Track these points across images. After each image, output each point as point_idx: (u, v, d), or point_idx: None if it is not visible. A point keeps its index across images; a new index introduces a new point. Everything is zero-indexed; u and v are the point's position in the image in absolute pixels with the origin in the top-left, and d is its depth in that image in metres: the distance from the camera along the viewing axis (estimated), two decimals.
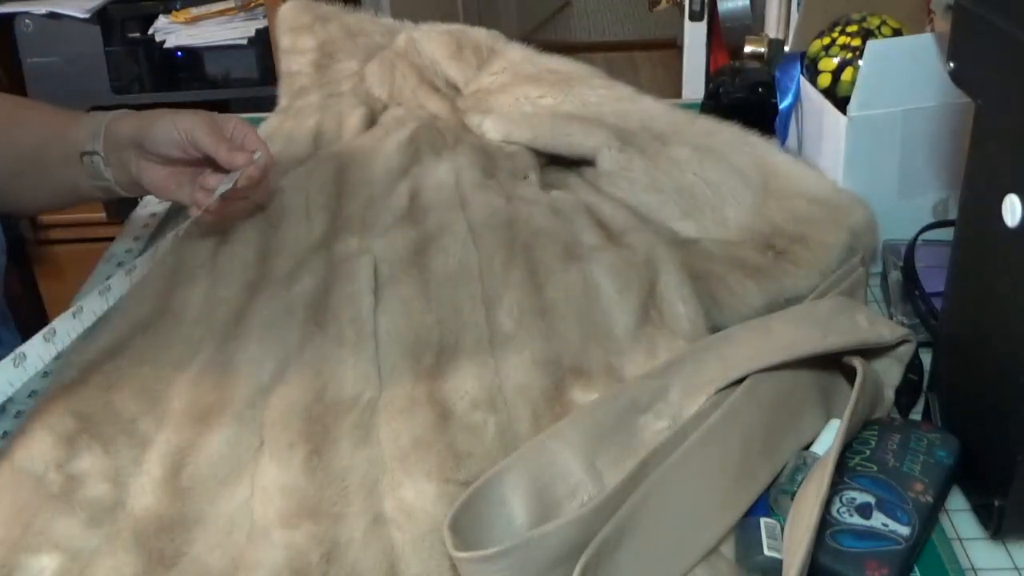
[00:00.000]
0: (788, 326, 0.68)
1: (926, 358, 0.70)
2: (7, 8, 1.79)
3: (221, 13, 1.86)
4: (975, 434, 0.62)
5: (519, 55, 1.10)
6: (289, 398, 0.67)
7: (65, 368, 0.73)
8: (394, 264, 0.79)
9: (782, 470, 0.63)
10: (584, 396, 0.67)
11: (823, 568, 0.56)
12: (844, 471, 0.61)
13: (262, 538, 0.59)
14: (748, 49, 1.23)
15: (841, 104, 0.85)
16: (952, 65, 0.61)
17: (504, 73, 1.08)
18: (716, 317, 0.76)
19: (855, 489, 0.60)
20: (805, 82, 0.92)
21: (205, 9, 1.86)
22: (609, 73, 1.08)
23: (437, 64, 1.10)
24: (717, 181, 0.87)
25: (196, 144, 0.79)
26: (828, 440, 0.65)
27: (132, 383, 0.70)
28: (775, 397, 0.64)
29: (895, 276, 0.80)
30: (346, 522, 0.59)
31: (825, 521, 0.58)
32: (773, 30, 1.62)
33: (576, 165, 0.97)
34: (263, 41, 1.80)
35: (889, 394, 0.69)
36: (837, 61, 0.88)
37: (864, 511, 0.58)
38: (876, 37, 0.87)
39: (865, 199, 0.83)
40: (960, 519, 0.62)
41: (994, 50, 0.56)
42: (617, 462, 0.61)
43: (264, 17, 1.82)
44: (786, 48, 1.18)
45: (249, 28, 1.84)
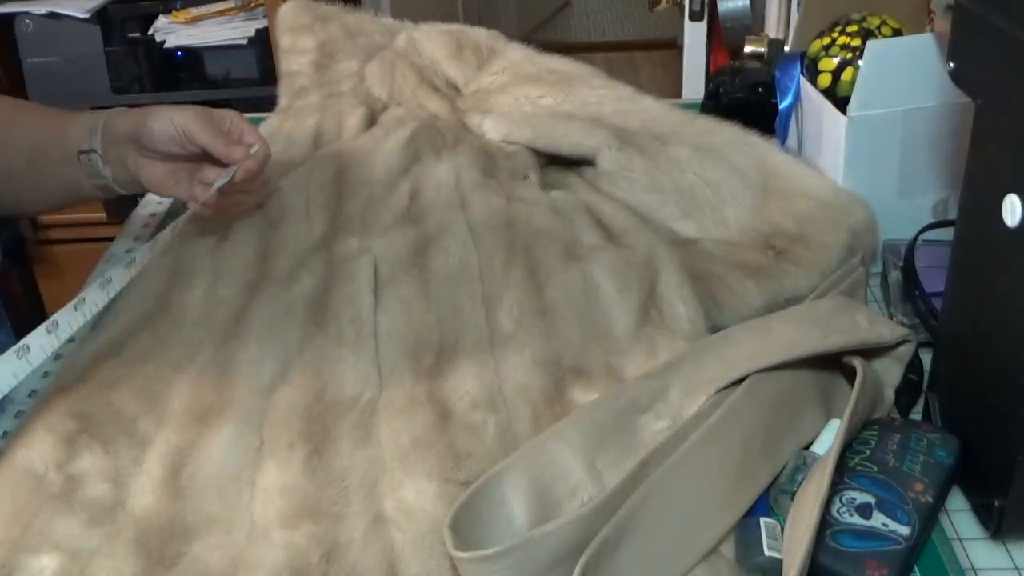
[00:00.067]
0: (788, 326, 0.68)
1: (926, 358, 0.70)
2: (7, 8, 1.79)
3: (221, 13, 1.86)
4: (975, 434, 0.62)
5: (519, 55, 1.10)
6: (289, 398, 0.67)
7: (65, 368, 0.73)
8: (394, 264, 0.79)
9: (782, 470, 0.63)
10: (584, 396, 0.67)
11: (823, 568, 0.56)
12: (844, 471, 0.61)
13: (262, 538, 0.59)
14: (748, 49, 1.23)
15: (841, 104, 0.85)
16: (952, 65, 0.61)
17: (504, 73, 1.08)
18: (716, 317, 0.76)
19: (855, 489, 0.60)
20: (805, 82, 0.92)
21: (205, 9, 1.86)
22: (609, 73, 1.08)
23: (437, 64, 1.10)
24: (717, 181, 0.87)
25: (193, 139, 0.79)
26: (828, 440, 0.65)
27: (132, 383, 0.70)
28: (775, 397, 0.64)
29: (895, 276, 0.80)
30: (346, 522, 0.59)
31: (825, 521, 0.58)
32: (773, 30, 1.62)
33: (576, 165, 0.97)
34: (263, 41, 1.80)
35: (889, 394, 0.69)
36: (837, 61, 0.88)
37: (864, 511, 0.58)
38: (876, 37, 0.87)
39: (865, 199, 0.83)
40: (960, 519, 0.62)
41: (994, 50, 0.56)
42: (617, 462, 0.61)
43: (264, 17, 1.82)
44: (786, 48, 1.18)
45: (249, 28, 1.84)
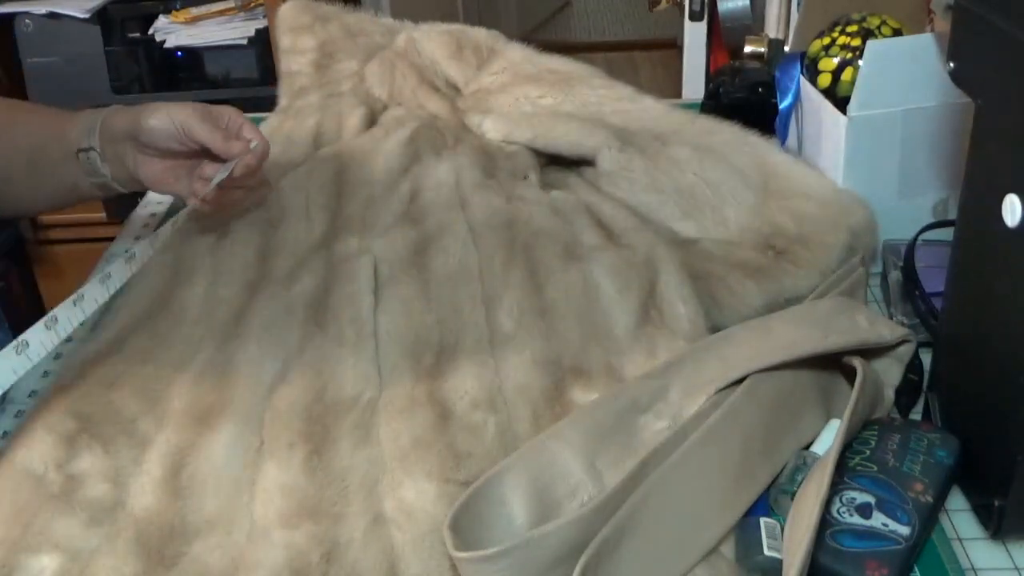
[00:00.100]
0: (788, 326, 0.68)
1: (926, 358, 0.70)
2: (7, 8, 1.79)
3: (221, 13, 1.86)
4: (975, 434, 0.62)
5: (519, 55, 1.10)
6: (289, 398, 0.67)
7: (65, 368, 0.73)
8: (394, 264, 0.79)
9: (782, 470, 0.63)
10: (584, 396, 0.67)
11: (823, 568, 0.56)
12: (844, 471, 0.61)
13: (262, 538, 0.59)
14: (748, 49, 1.23)
15: (841, 104, 0.85)
16: (952, 65, 0.61)
17: (504, 73, 1.08)
18: (716, 317, 0.76)
19: (855, 489, 0.60)
20: (805, 82, 0.92)
21: (205, 9, 1.86)
22: (609, 73, 1.08)
23: (437, 64, 1.10)
24: (717, 181, 0.87)
25: (191, 134, 0.79)
26: (828, 440, 0.65)
27: (132, 383, 0.70)
28: (775, 397, 0.64)
29: (895, 276, 0.80)
30: (346, 522, 0.59)
31: (825, 521, 0.58)
32: (773, 30, 1.62)
33: (576, 165, 0.97)
34: (263, 41, 1.81)
35: (889, 394, 0.69)
36: (837, 61, 0.88)
37: (864, 511, 0.58)
38: (876, 37, 0.87)
39: (865, 199, 0.83)
40: (960, 519, 0.62)
41: (994, 50, 0.56)
42: (617, 462, 0.61)
43: (264, 17, 1.82)
44: (786, 48, 1.18)
45: (249, 28, 1.84)
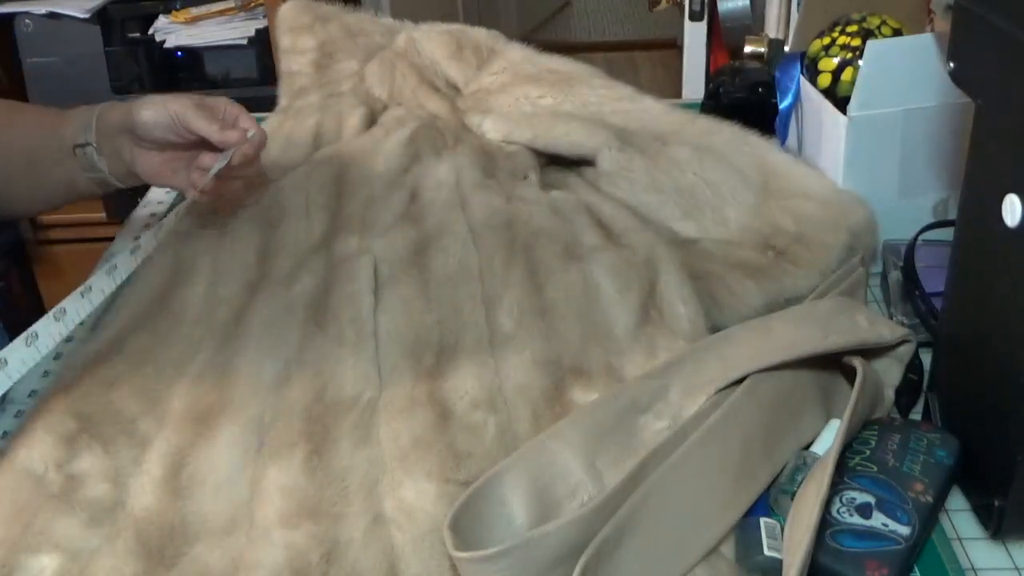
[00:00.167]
0: (788, 326, 0.68)
1: (926, 358, 0.70)
2: (7, 8, 1.79)
3: (221, 13, 1.86)
4: (975, 434, 0.62)
5: (519, 55, 1.10)
6: (289, 398, 0.67)
7: (65, 368, 0.73)
8: (394, 264, 0.79)
9: (782, 470, 0.63)
10: (584, 396, 0.67)
11: (823, 568, 0.56)
12: (844, 471, 0.61)
13: (262, 538, 0.59)
14: (748, 49, 1.23)
15: (841, 104, 0.85)
16: (952, 65, 0.61)
17: (504, 73, 1.08)
18: (716, 317, 0.76)
19: (855, 489, 0.60)
20: (805, 82, 0.92)
21: (205, 9, 1.86)
22: (609, 73, 1.08)
23: (437, 64, 1.10)
24: (717, 181, 0.87)
25: (188, 125, 0.79)
26: (828, 440, 0.65)
27: (132, 383, 0.70)
28: (775, 397, 0.64)
29: (895, 276, 0.80)
30: (346, 522, 0.59)
31: (825, 521, 0.58)
32: (773, 30, 1.62)
33: (576, 165, 0.97)
34: (263, 41, 1.80)
35: (889, 394, 0.69)
36: (837, 61, 0.88)
37: (864, 511, 0.58)
38: (876, 37, 0.87)
39: (865, 199, 0.83)
40: (960, 519, 0.62)
41: (994, 50, 0.56)
42: (617, 462, 0.61)
43: (264, 17, 1.82)
44: (786, 48, 1.18)
45: (249, 28, 1.84)
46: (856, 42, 0.87)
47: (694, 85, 2.17)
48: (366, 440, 0.65)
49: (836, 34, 0.89)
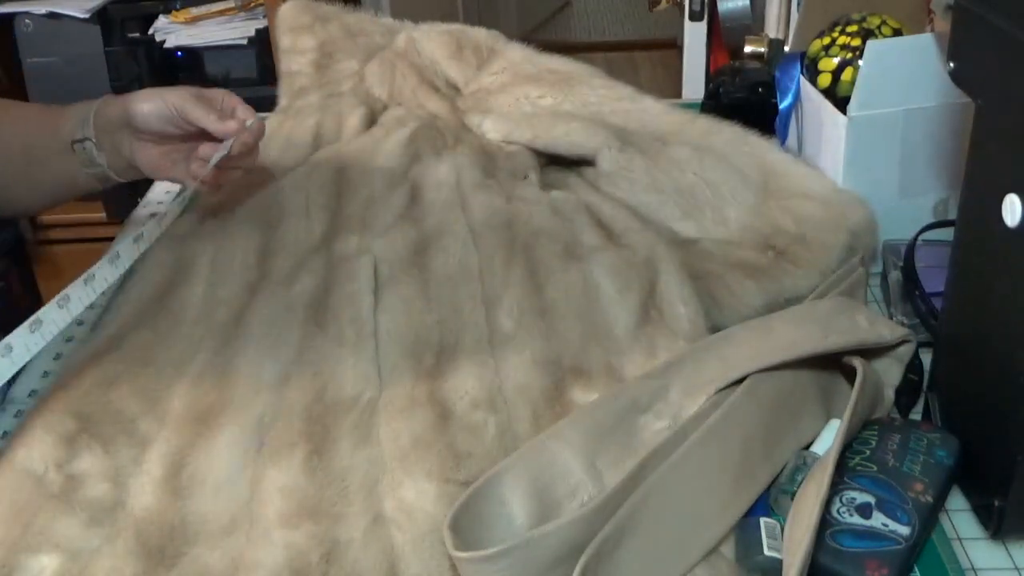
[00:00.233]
0: (788, 326, 0.68)
1: (926, 358, 0.70)
2: (7, 8, 1.79)
3: (221, 13, 1.86)
4: (975, 434, 0.62)
5: (519, 55, 1.10)
6: (289, 398, 0.67)
7: (65, 368, 0.73)
8: (394, 264, 0.79)
9: (782, 470, 0.63)
10: (584, 396, 0.67)
11: (823, 568, 0.56)
12: (844, 471, 0.61)
13: (262, 538, 0.59)
14: (748, 49, 1.23)
15: (841, 104, 0.85)
16: (952, 65, 0.61)
17: (504, 73, 1.08)
18: (716, 317, 0.76)
19: (855, 489, 0.60)
20: (805, 82, 0.92)
21: (205, 9, 1.86)
22: (609, 73, 1.08)
23: (437, 64, 1.10)
24: (717, 181, 0.87)
25: (186, 116, 0.79)
26: (828, 440, 0.65)
27: (132, 383, 0.70)
28: (775, 397, 0.64)
29: (895, 276, 0.80)
30: (346, 522, 0.59)
31: (825, 521, 0.57)
32: (773, 30, 1.62)
33: (576, 165, 0.97)
34: (263, 41, 1.81)
35: (889, 394, 0.69)
36: (837, 61, 0.88)
37: (864, 511, 0.58)
38: (876, 37, 0.87)
39: (865, 199, 0.83)
40: (960, 519, 0.62)
41: (994, 50, 0.56)
42: (617, 462, 0.61)
43: (264, 17, 1.83)
44: (786, 48, 1.18)
45: (249, 28, 1.84)
46: (856, 42, 0.87)
47: (694, 85, 2.17)
48: (366, 440, 0.65)
49: (836, 34, 0.89)
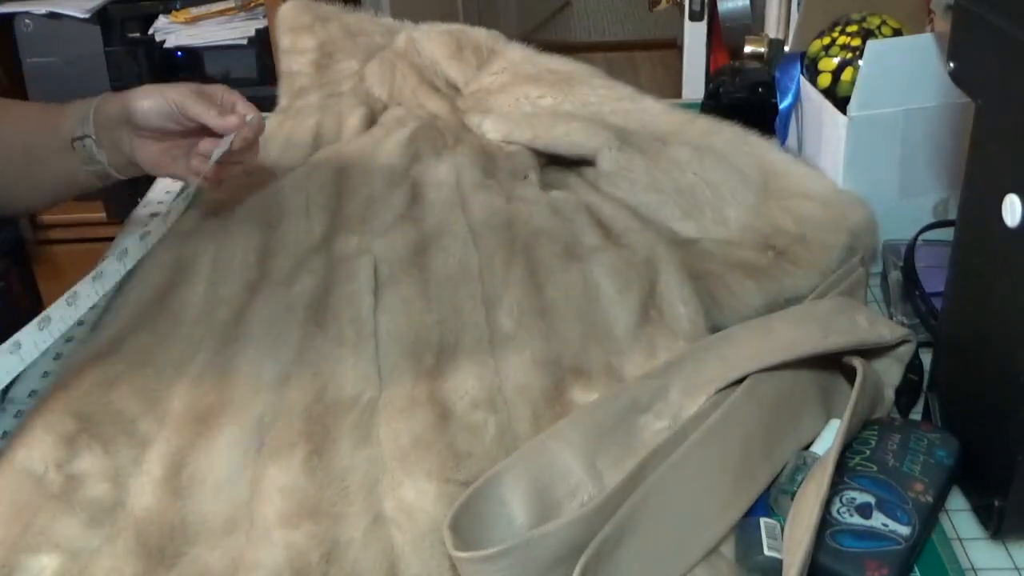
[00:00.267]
0: (788, 326, 0.68)
1: (926, 358, 0.70)
2: (7, 8, 1.79)
3: (221, 13, 1.86)
4: (975, 434, 0.62)
5: (519, 55, 1.10)
6: (289, 398, 0.67)
7: (65, 368, 0.73)
8: (394, 264, 0.79)
9: (782, 470, 0.63)
10: (584, 396, 0.67)
11: (823, 568, 0.56)
12: (844, 471, 0.61)
13: (262, 538, 0.59)
14: (748, 49, 1.23)
15: (841, 104, 0.85)
16: (952, 65, 0.61)
17: (504, 73, 1.08)
18: (716, 317, 0.76)
19: (855, 489, 0.60)
20: (805, 82, 0.92)
21: (205, 9, 1.86)
22: (609, 73, 1.08)
23: (437, 64, 1.10)
24: (717, 181, 0.87)
25: (186, 112, 0.80)
26: (828, 440, 0.65)
27: (132, 383, 0.70)
28: (775, 397, 0.64)
29: (895, 276, 0.80)
30: (346, 522, 0.59)
31: (825, 521, 0.57)
32: (773, 30, 1.62)
33: (576, 165, 0.97)
34: (263, 41, 1.81)
35: (889, 394, 0.69)
36: (837, 61, 0.88)
37: (864, 511, 0.58)
38: (876, 37, 0.87)
39: (865, 199, 0.83)
40: (960, 519, 0.62)
41: (994, 50, 0.56)
42: (617, 462, 0.61)
43: (264, 17, 1.83)
44: (786, 48, 1.18)
45: (249, 28, 1.84)
46: (856, 42, 0.87)
47: (694, 85, 2.17)
48: (366, 440, 0.65)
49: (836, 34, 0.89)
